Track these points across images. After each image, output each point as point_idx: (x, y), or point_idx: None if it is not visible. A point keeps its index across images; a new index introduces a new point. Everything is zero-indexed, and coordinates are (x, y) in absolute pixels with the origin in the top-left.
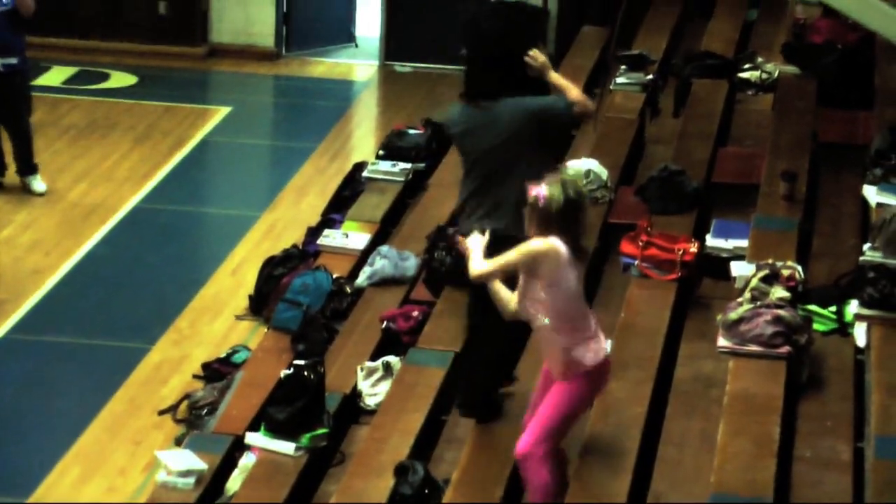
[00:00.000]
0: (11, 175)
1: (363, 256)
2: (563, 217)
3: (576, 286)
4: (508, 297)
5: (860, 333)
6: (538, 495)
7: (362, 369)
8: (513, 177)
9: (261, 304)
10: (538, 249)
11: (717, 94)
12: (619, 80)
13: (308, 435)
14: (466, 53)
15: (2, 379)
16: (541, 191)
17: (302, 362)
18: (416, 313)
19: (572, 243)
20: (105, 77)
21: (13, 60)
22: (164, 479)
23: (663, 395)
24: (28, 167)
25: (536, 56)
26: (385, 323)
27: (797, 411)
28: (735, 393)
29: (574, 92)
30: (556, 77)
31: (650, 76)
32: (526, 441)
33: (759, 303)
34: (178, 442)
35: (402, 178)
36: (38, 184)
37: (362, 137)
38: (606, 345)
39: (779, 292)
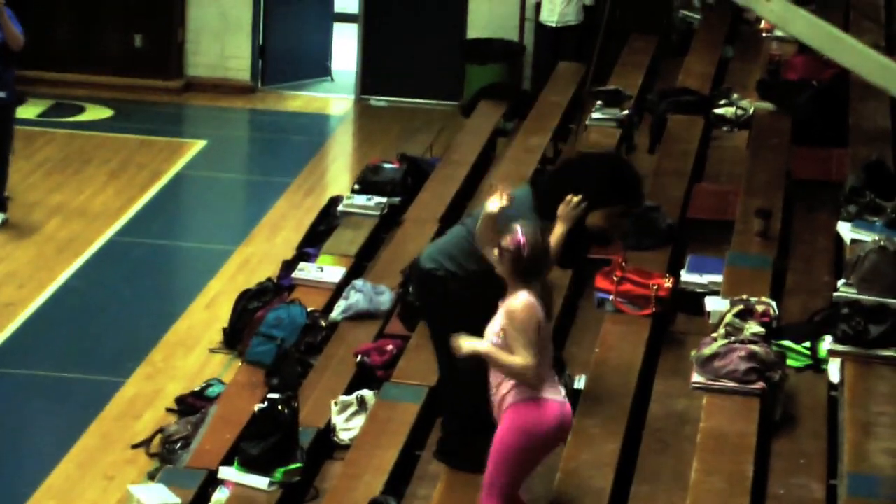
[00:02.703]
0: None
1: (338, 290)
2: (537, 263)
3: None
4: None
5: (834, 370)
6: None
7: (336, 404)
8: None
9: (235, 338)
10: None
11: (693, 131)
12: (595, 115)
13: (282, 470)
14: None
15: None
16: (519, 236)
17: (276, 397)
18: (390, 347)
19: (540, 289)
20: (80, 110)
21: (2, 94)
22: None
23: (637, 431)
24: None
25: (567, 204)
26: (359, 357)
27: (770, 449)
28: (708, 431)
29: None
30: (556, 230)
31: (626, 112)
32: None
33: (733, 338)
34: (152, 476)
35: (377, 213)
36: None
37: (338, 172)
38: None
39: (753, 328)
